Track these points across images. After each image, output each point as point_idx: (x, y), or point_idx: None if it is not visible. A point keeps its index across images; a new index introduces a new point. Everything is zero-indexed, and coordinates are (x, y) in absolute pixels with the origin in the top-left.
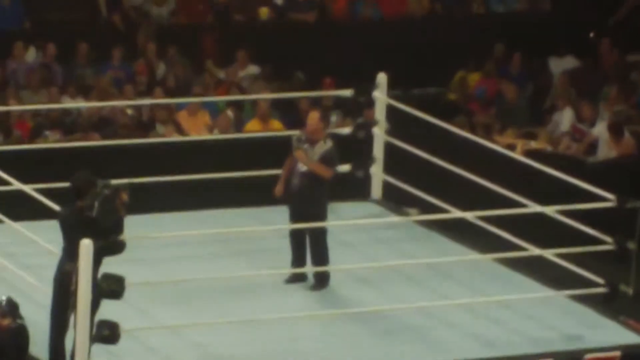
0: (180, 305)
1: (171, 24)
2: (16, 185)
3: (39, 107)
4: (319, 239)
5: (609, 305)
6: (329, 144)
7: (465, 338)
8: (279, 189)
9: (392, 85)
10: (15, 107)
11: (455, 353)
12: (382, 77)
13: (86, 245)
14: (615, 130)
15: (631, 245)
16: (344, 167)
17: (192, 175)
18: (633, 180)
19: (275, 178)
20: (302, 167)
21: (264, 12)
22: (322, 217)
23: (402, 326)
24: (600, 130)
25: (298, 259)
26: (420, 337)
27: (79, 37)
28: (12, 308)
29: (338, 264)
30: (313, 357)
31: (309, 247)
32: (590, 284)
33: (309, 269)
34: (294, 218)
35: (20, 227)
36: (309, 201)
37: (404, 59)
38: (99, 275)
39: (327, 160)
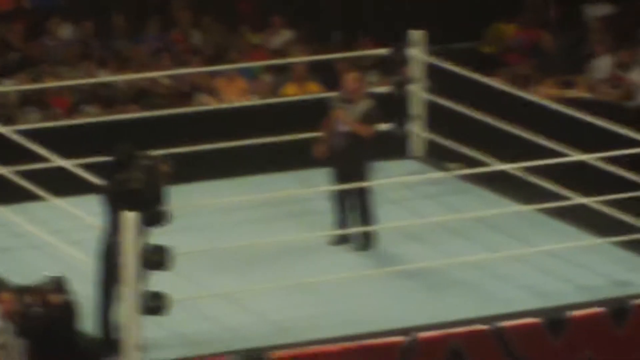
0: (230, 272)
1: None
2: (57, 161)
3: (76, 82)
4: (365, 199)
5: None
6: (368, 103)
7: (515, 289)
8: (320, 150)
9: (429, 41)
10: (53, 84)
11: (506, 304)
12: (417, 34)
13: (130, 217)
14: None
15: None
16: (384, 126)
17: (232, 142)
18: None
19: (315, 140)
20: (343, 127)
21: None
22: (366, 176)
23: (452, 280)
24: (638, 74)
25: (342, 220)
26: (471, 290)
27: (114, 10)
28: (60, 284)
29: (384, 222)
30: (367, 315)
31: (356, 207)
32: (635, 229)
33: (355, 229)
34: (337, 178)
35: (64, 203)
36: (352, 161)
37: (439, 13)
38: (146, 246)
39: (368, 119)
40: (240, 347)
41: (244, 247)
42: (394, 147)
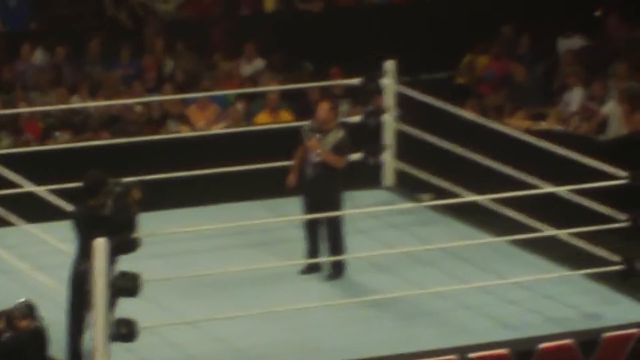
0: (199, 299)
1: (178, 18)
2: (27, 186)
3: (48, 108)
4: (336, 228)
5: (626, 282)
6: (340, 132)
7: (483, 320)
8: (291, 180)
9: (400, 72)
10: (24, 110)
11: (474, 336)
12: (390, 64)
13: (100, 244)
14: (630, 105)
15: None
16: (356, 156)
17: (204, 169)
18: None
19: (287, 169)
20: (315, 157)
21: (270, 3)
22: (337, 206)
23: (419, 311)
24: (610, 107)
25: (313, 249)
26: (438, 321)
27: (86, 35)
28: (29, 309)
29: (354, 252)
30: (332, 345)
31: (326, 236)
32: (606, 262)
33: (325, 259)
34: (308, 208)
35: (33, 228)
36: (323, 191)
37: (412, 44)
38: (114, 273)
39: (340, 149)
40: None
41: (213, 274)
42: (365, 177)
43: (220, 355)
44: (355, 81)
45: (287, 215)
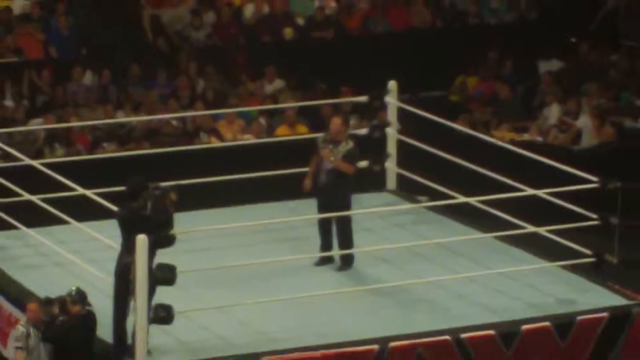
0: (226, 288)
1: (208, 45)
2: (79, 190)
3: (95, 123)
4: (345, 226)
5: (597, 272)
6: (350, 144)
7: (473, 306)
8: (307, 184)
9: (401, 90)
10: (75, 124)
11: (465, 319)
12: (392, 84)
13: (142, 240)
14: (600, 120)
15: (614, 220)
16: (363, 163)
17: (231, 175)
18: (613, 163)
19: (303, 175)
20: (328, 165)
21: (288, 32)
22: (346, 207)
23: (418, 298)
24: (583, 121)
25: (326, 244)
26: (434, 307)
27: (128, 60)
28: (81, 297)
29: (361, 247)
30: (342, 327)
31: (336, 233)
32: (580, 255)
33: (336, 252)
34: (322, 209)
35: (84, 226)
36: (335, 194)
37: (411, 67)
38: (154, 265)
39: (350, 158)
40: (233, 353)
41: (238, 266)
42: (371, 182)
43: (243, 336)
44: (362, 99)
45: (304, 215)
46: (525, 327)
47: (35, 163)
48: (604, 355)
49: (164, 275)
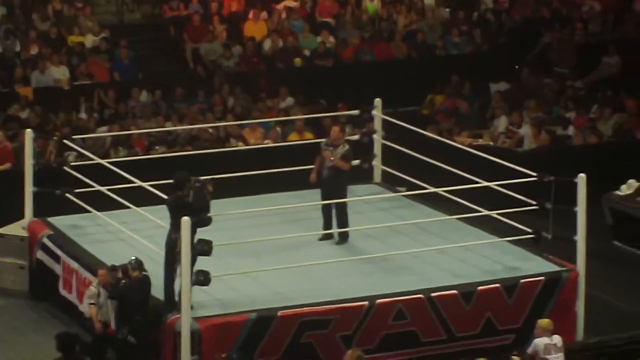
0: (251, 258)
1: (236, 71)
2: (137, 183)
3: (149, 131)
4: (342, 211)
5: (536, 246)
6: (346, 146)
7: (441, 272)
8: (313, 178)
9: (384, 106)
10: (134, 132)
11: (434, 282)
12: (378, 101)
13: (185, 221)
14: (537, 128)
15: (548, 205)
16: (355, 162)
17: (254, 171)
18: (548, 162)
19: (309, 171)
20: (328, 163)
21: (297, 60)
22: (343, 195)
23: (398, 265)
24: (525, 130)
25: (327, 224)
26: (411, 272)
27: (175, 82)
28: (139, 264)
29: (354, 226)
30: (340, 288)
31: (335, 216)
32: (522, 232)
33: (335, 230)
34: (324, 197)
35: (141, 210)
36: (334, 185)
37: (392, 88)
38: (195, 240)
39: (346, 157)
40: (256, 308)
41: (260, 241)
42: (361, 176)
43: (264, 295)
44: (354, 112)
45: (310, 202)
46: (480, 288)
47: (103, 162)
48: (541, 309)
49: (202, 248)
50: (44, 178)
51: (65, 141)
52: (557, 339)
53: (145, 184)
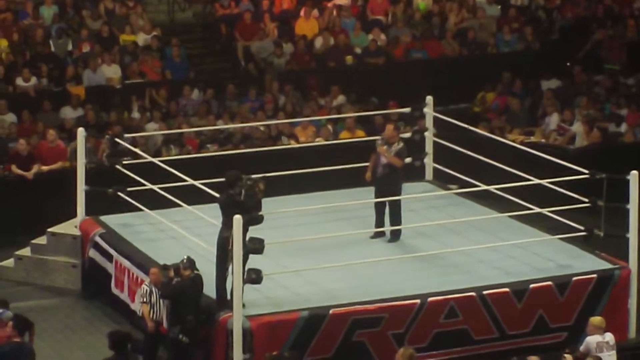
0: (302, 256)
1: (287, 69)
2: (189, 181)
3: (202, 129)
4: (396, 208)
5: (588, 243)
6: (401, 144)
7: (492, 270)
8: (368, 175)
9: (436, 104)
10: (186, 130)
11: (486, 280)
12: (429, 99)
13: (237, 220)
14: (589, 126)
15: (600, 203)
16: (407, 159)
17: (306, 169)
18: (600, 159)
19: (361, 169)
20: (383, 160)
21: (348, 59)
22: (398, 193)
23: (449, 263)
24: (576, 127)
25: (379, 222)
26: (462, 270)
27: (226, 80)
28: (191, 263)
29: (406, 223)
30: (392, 287)
31: (389, 213)
32: (574, 230)
33: (387, 228)
34: (378, 194)
35: (193, 209)
36: (388, 183)
37: (443, 85)
38: (247, 238)
39: (400, 155)
40: (307, 306)
41: (312, 239)
42: (413, 174)
43: (314, 294)
44: (406, 110)
45: (362, 199)
46: (532, 285)
47: (155, 160)
48: (593, 307)
49: (254, 246)
50: (96, 177)
51: (117, 139)
52: (609, 337)
53: (197, 183)
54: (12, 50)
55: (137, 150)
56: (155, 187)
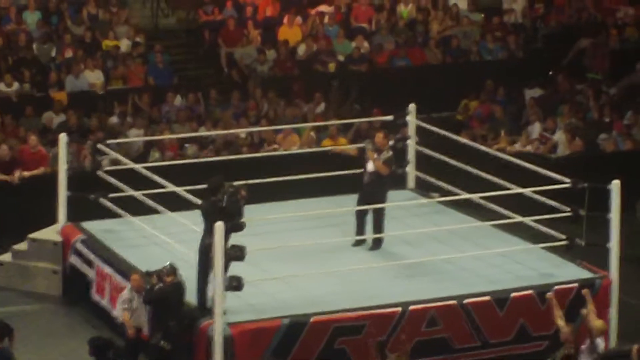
0: (284, 263)
1: (270, 75)
2: (171, 187)
3: (183, 135)
4: (380, 216)
5: (569, 252)
6: (390, 152)
7: (475, 278)
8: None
9: (418, 112)
10: (168, 136)
11: (468, 288)
12: (412, 107)
13: (219, 226)
14: (571, 134)
15: (582, 212)
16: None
17: (288, 176)
18: (582, 168)
19: (343, 176)
20: (370, 168)
21: (332, 66)
22: (382, 201)
23: (433, 271)
24: (559, 136)
25: (360, 229)
26: (444, 278)
27: (209, 86)
28: (173, 269)
29: (388, 231)
30: (373, 293)
31: (372, 220)
32: (556, 239)
33: (369, 236)
34: (362, 201)
35: (175, 215)
36: (374, 191)
37: (426, 93)
38: (228, 245)
39: (388, 163)
40: (290, 313)
41: (293, 246)
42: (395, 182)
43: (298, 300)
44: (388, 118)
45: (344, 206)
46: (514, 294)
47: (137, 166)
48: (574, 316)
49: (235, 253)
50: (79, 182)
51: (98, 145)
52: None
53: (179, 189)
54: None
55: (118, 155)
56: (137, 194)
